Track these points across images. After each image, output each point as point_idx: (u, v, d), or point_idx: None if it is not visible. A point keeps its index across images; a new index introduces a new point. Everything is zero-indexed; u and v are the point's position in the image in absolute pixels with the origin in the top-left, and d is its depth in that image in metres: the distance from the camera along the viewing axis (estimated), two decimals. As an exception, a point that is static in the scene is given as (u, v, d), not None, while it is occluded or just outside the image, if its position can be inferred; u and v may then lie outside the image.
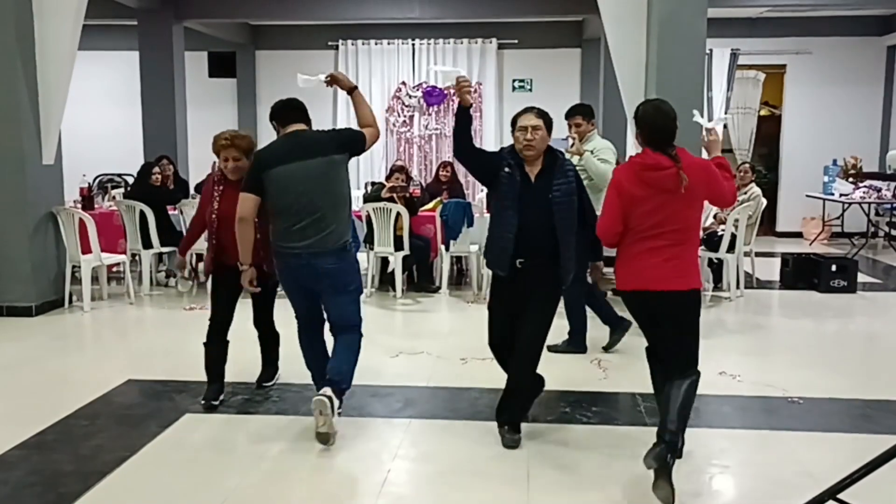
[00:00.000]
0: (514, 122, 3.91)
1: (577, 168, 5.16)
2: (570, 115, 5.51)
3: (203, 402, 4.34)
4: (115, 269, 7.91)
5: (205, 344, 4.39)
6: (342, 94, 11.90)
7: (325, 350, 4.17)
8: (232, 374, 4.55)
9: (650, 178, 3.33)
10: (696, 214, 3.46)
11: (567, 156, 5.15)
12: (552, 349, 5.21)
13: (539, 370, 4.00)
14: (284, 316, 4.47)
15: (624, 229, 3.42)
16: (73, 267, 6.97)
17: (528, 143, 3.79)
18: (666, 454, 3.22)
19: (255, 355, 4.65)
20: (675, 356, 3.41)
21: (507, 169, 3.79)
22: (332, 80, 4.23)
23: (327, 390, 3.75)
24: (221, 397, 4.41)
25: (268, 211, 3.94)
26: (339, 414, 3.85)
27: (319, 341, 4.20)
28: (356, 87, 4.24)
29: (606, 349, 5.48)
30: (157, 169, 7.83)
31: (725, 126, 11.52)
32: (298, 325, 4.17)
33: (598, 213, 3.71)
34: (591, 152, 5.35)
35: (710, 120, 3.91)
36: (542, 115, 3.87)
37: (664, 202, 3.32)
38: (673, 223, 3.34)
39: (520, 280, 3.79)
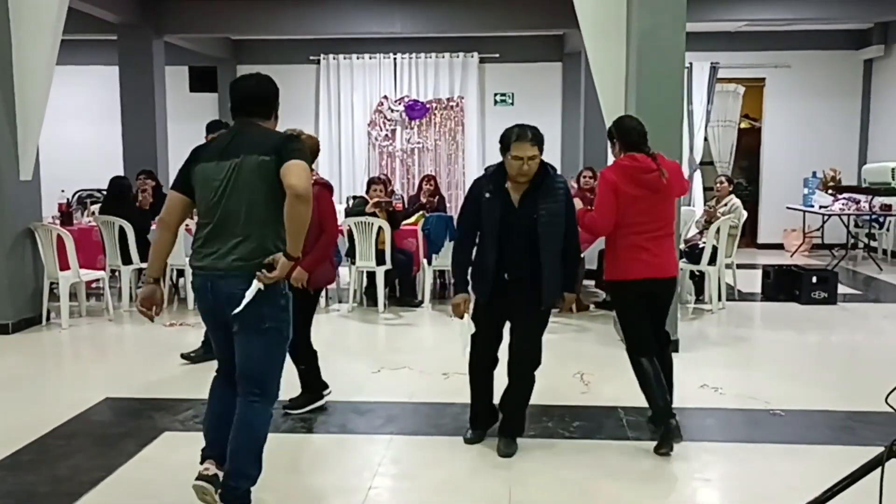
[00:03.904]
0: (507, 144, 3.70)
1: None
2: (217, 128, 5.61)
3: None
4: (93, 285, 7.82)
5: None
6: (324, 107, 12.10)
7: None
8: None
9: (644, 180, 3.91)
10: (673, 209, 4.12)
11: None
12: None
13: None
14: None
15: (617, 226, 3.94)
16: (51, 283, 6.88)
17: (523, 173, 3.69)
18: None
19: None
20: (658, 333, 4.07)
21: (486, 195, 3.74)
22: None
23: (209, 466, 3.15)
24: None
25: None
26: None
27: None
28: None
29: None
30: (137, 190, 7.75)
31: (706, 139, 11.61)
32: (218, 367, 3.35)
33: None
34: None
35: None
36: (538, 140, 3.70)
37: (655, 202, 3.94)
38: (661, 219, 3.96)
39: (500, 303, 3.81)
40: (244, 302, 2.93)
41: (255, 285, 2.94)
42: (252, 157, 3.02)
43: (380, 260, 7.31)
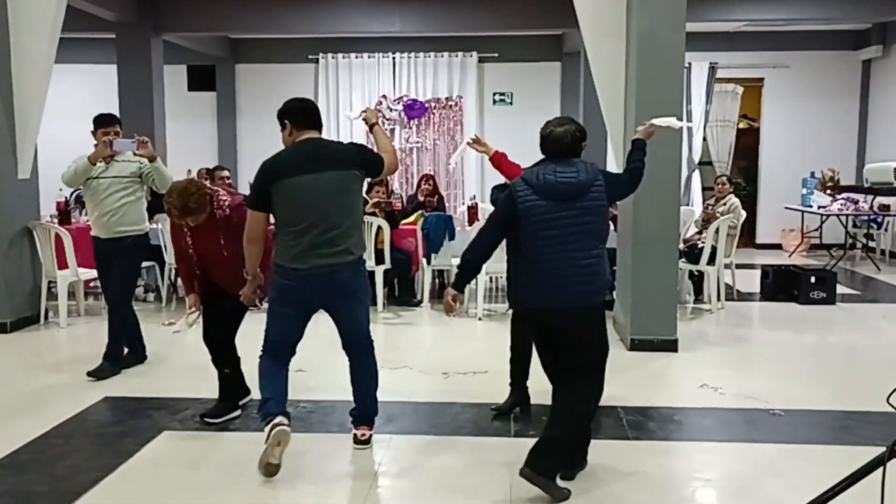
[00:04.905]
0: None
1: (143, 173, 5.26)
2: (112, 122, 5.38)
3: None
4: (92, 284, 7.80)
5: (213, 362, 4.42)
6: (322, 106, 12.08)
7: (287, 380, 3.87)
8: (210, 391, 4.49)
9: None
10: None
11: (139, 160, 5.27)
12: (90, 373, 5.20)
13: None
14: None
15: None
16: (49, 282, 6.87)
17: None
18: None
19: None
20: None
21: None
22: (367, 117, 4.27)
23: (365, 432, 3.98)
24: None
25: (276, 224, 3.72)
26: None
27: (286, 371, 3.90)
28: (377, 124, 4.23)
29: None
30: None
31: (705, 139, 11.60)
32: (269, 350, 3.79)
33: None
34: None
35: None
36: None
37: None
38: None
39: None
40: None
41: None
42: (345, 171, 3.67)
43: (379, 259, 7.30)
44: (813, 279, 7.78)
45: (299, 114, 3.74)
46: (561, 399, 3.47)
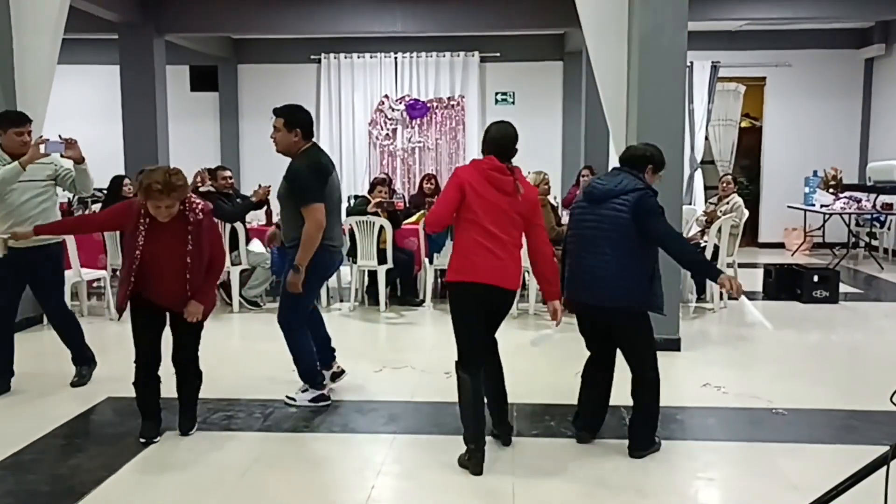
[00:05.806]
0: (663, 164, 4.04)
1: (59, 175, 4.95)
2: (25, 121, 4.89)
3: (142, 440, 4.05)
4: (95, 284, 7.82)
5: (135, 384, 4.08)
6: (324, 106, 12.10)
7: None
8: (213, 391, 4.50)
9: (497, 179, 3.68)
10: (521, 228, 3.75)
11: (53, 162, 4.96)
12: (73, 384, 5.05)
13: (524, 382, 4.33)
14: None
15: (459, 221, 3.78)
16: (53, 283, 6.86)
17: None
18: None
19: (238, 372, 4.57)
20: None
21: None
22: None
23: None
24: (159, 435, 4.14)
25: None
26: None
27: None
28: None
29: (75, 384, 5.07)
30: (127, 181, 7.68)
31: (707, 138, 11.60)
32: (302, 321, 4.55)
33: None
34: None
35: None
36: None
37: (507, 208, 3.66)
38: (513, 228, 3.69)
39: None
40: None
41: None
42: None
43: (381, 259, 7.31)
44: (816, 278, 7.77)
45: (310, 127, 4.44)
46: (634, 389, 3.93)
